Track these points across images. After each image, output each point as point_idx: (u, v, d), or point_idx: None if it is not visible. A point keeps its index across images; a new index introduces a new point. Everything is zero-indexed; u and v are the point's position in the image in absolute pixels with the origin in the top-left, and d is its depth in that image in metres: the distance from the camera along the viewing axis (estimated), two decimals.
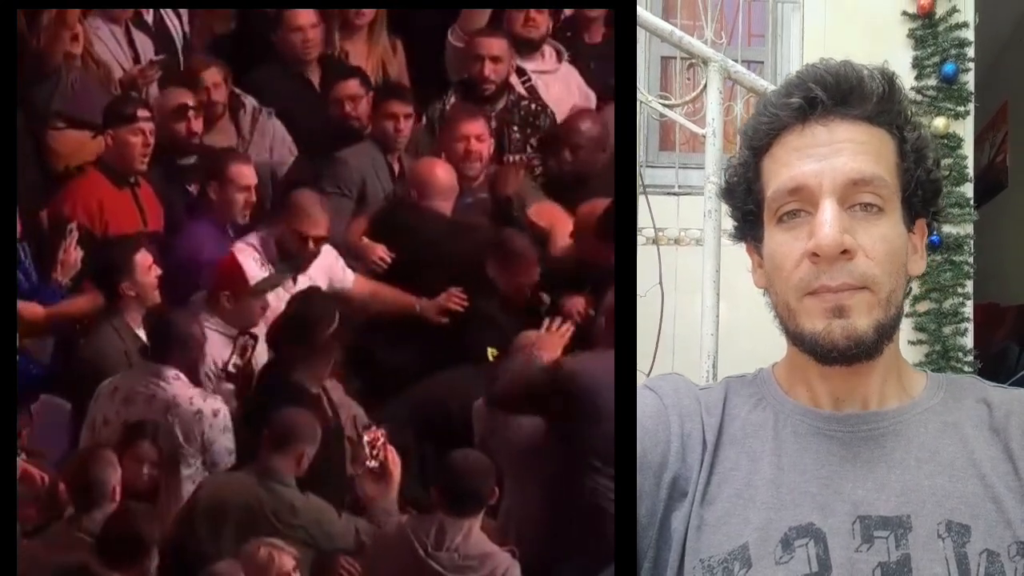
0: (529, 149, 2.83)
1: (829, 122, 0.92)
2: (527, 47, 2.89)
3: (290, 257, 2.48)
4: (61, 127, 2.59)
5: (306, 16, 2.81)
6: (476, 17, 2.85)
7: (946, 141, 3.61)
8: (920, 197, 0.95)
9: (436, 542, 1.90)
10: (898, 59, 3.63)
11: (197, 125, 2.62)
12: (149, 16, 2.85)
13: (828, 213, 0.89)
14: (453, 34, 2.86)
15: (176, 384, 2.17)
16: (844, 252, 0.89)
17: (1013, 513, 0.88)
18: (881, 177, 0.91)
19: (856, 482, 0.91)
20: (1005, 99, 5.12)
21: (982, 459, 0.91)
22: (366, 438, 2.04)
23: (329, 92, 2.79)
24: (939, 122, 3.58)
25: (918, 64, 3.63)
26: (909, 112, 0.95)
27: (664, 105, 2.38)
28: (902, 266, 0.93)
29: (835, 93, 0.92)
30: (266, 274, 2.35)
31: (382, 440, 2.04)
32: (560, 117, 2.84)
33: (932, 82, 3.62)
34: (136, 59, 2.76)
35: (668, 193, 3.68)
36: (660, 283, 2.41)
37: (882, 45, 3.62)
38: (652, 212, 2.50)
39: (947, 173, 3.48)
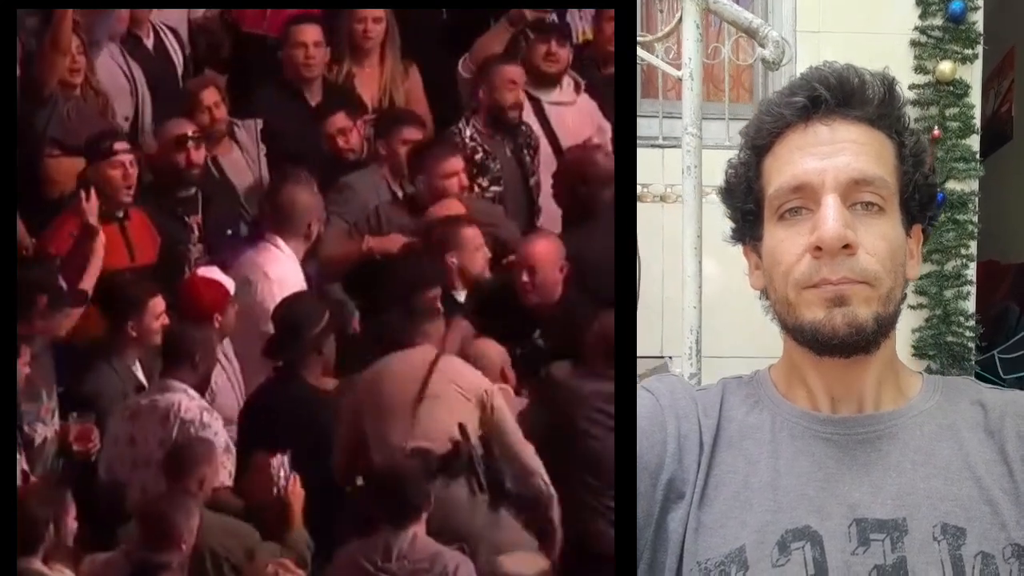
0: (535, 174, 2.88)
1: (832, 122, 0.94)
2: (546, 81, 2.91)
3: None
4: (56, 154, 2.60)
5: (310, 33, 2.81)
6: (491, 45, 2.87)
7: (952, 88, 3.39)
8: (917, 201, 0.97)
9: (384, 555, 1.92)
10: None
11: (198, 156, 2.62)
12: (149, 41, 2.86)
13: (831, 208, 0.90)
14: (463, 65, 2.88)
15: (179, 394, 2.20)
16: (846, 247, 0.90)
17: (1008, 515, 0.89)
18: (882, 178, 0.93)
19: (852, 485, 0.92)
20: (1012, 45, 4.90)
21: (977, 462, 0.92)
22: (272, 463, 2.03)
23: (323, 124, 2.81)
24: (945, 66, 3.37)
25: (923, 1, 3.38)
26: (907, 118, 0.98)
27: (637, 44, 2.12)
28: (901, 266, 0.94)
29: (838, 93, 0.94)
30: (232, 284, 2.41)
31: (285, 467, 2.03)
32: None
33: (938, 21, 3.40)
34: (133, 82, 2.78)
35: (652, 145, 3.46)
36: (636, 252, 2.20)
37: None
38: None
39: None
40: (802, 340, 0.94)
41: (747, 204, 1.00)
